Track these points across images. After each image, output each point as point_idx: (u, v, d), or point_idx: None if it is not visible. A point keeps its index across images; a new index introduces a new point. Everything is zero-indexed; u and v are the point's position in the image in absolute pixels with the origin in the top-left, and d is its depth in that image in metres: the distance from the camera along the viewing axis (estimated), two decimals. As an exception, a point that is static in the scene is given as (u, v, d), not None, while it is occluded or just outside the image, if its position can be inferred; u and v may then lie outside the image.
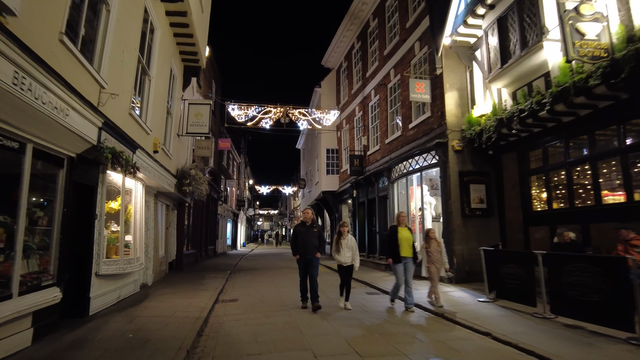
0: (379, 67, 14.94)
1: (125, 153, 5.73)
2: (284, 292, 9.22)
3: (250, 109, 15.48)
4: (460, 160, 10.08)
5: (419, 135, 11.43)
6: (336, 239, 7.29)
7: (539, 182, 8.87)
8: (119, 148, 5.58)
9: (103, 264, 6.50)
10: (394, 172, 12.99)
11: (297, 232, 7.32)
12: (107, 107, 5.49)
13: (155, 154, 8.37)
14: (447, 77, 10.48)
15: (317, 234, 7.26)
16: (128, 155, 6.01)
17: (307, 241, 7.08)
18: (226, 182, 25.46)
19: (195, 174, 10.95)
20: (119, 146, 5.77)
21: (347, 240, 7.14)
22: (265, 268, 15.86)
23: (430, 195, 11.33)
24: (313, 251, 7.09)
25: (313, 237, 7.13)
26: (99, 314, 6.20)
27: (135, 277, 8.30)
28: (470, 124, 9.88)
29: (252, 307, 7.46)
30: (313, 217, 7.51)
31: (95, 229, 6.25)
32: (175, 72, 10.21)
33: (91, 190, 6.14)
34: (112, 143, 5.54)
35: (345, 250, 7.06)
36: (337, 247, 7.13)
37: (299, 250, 7.15)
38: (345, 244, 7.10)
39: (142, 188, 8.51)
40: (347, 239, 7.15)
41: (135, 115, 6.90)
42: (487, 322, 5.81)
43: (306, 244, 7.08)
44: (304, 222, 7.32)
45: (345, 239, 7.14)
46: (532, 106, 7.50)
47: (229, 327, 5.85)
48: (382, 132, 14.49)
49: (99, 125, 5.16)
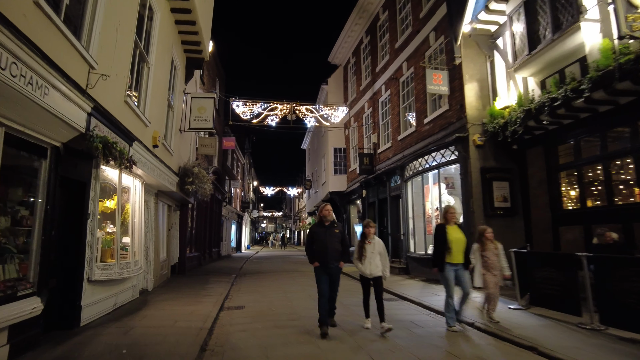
0: (389, 60, 14.29)
1: (119, 144, 5.11)
2: (294, 298, 8.57)
3: (255, 105, 14.87)
4: (481, 156, 9.40)
5: (436, 130, 10.76)
6: (359, 243, 5.78)
7: (569, 179, 8.18)
8: (112, 138, 4.96)
9: (96, 268, 5.88)
10: (408, 170, 12.32)
11: (313, 234, 5.75)
12: (97, 91, 4.88)
13: (154, 148, 7.74)
14: (466, 67, 9.82)
15: (339, 236, 5.65)
16: (123, 147, 5.40)
17: (326, 246, 5.52)
18: (230, 183, 24.86)
19: (199, 172, 10.33)
20: (112, 136, 5.15)
21: (374, 244, 5.66)
22: (271, 272, 15.22)
23: (447, 194, 10.65)
24: (335, 259, 5.54)
25: (334, 241, 5.59)
26: (92, 325, 5.56)
27: (134, 283, 7.67)
28: (493, 116, 9.19)
29: (261, 315, 6.81)
30: (333, 214, 5.90)
31: (88, 229, 5.63)
32: (176, 63, 9.61)
33: (83, 187, 5.52)
34: (103, 132, 4.92)
35: (372, 256, 5.60)
36: (361, 253, 5.65)
37: (317, 256, 5.60)
38: (371, 249, 5.62)
39: (141, 186, 7.89)
40: (374, 243, 5.67)
41: (131, 104, 6.28)
42: (528, 334, 5.12)
43: (325, 249, 5.52)
44: (321, 222, 5.77)
45: (372, 242, 5.66)
46: (566, 94, 6.81)
47: (236, 340, 5.20)
48: (393, 129, 13.83)
49: (87, 110, 4.54)
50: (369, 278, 5.65)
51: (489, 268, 5.91)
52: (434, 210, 11.04)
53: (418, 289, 9.34)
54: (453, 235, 5.59)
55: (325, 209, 5.80)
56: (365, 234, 5.76)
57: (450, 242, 5.54)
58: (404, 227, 12.57)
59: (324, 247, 5.55)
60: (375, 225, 6.07)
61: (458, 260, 5.56)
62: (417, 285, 9.95)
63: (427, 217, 11.31)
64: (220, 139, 19.37)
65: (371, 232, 5.74)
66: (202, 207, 16.42)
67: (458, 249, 5.55)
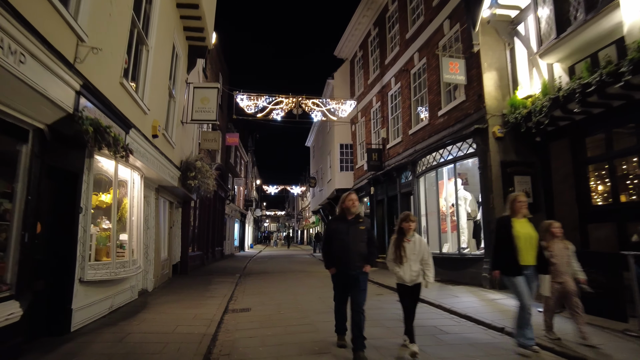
0: (400, 52, 13.73)
1: (113, 129, 4.59)
2: (303, 300, 8.02)
3: (260, 99, 14.32)
4: (502, 149, 8.85)
5: (451, 123, 10.20)
6: (395, 241, 4.58)
7: (600, 172, 7.60)
8: (105, 122, 4.44)
9: (90, 267, 5.35)
10: (420, 165, 11.76)
11: (332, 232, 4.59)
12: (88, 68, 4.35)
13: (154, 138, 7.21)
14: (484, 56, 9.25)
15: (365, 234, 4.48)
16: (118, 133, 4.87)
17: (348, 247, 4.36)
18: (234, 181, 24.36)
19: (202, 166, 9.80)
20: (105, 120, 4.62)
21: (414, 244, 4.50)
22: (276, 272, 14.69)
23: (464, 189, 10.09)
24: (359, 263, 4.36)
25: (359, 240, 4.41)
26: (84, 330, 5.04)
27: (132, 283, 7.16)
28: (514, 107, 8.63)
29: (269, 319, 6.27)
30: (359, 206, 4.72)
31: (80, 225, 5.11)
32: (178, 50, 9.07)
33: (74, 178, 5.00)
34: (95, 115, 4.39)
35: (412, 259, 4.44)
36: (398, 254, 4.47)
37: (336, 261, 4.48)
38: (410, 249, 4.46)
39: (140, 179, 7.37)
40: (414, 242, 4.51)
41: (128, 88, 5.75)
42: (569, 342, 4.57)
43: (347, 250, 4.35)
44: (342, 215, 4.58)
45: (411, 241, 4.50)
46: (601, 79, 6.24)
47: (244, 349, 4.66)
48: (404, 123, 13.27)
49: (76, 87, 4.01)
50: (409, 286, 4.44)
51: (559, 272, 4.72)
52: (448, 207, 10.48)
53: (435, 290, 8.76)
54: (521, 231, 4.48)
55: (349, 199, 4.54)
56: (404, 230, 4.56)
57: (518, 238, 4.43)
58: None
59: (345, 249, 4.36)
60: (416, 219, 4.88)
61: (528, 262, 4.43)
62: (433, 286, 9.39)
63: (441, 214, 10.75)
64: (223, 135, 18.85)
65: (411, 228, 4.55)
66: (205, 204, 15.91)
67: (528, 247, 4.46)
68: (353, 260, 4.35)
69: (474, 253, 9.46)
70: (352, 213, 4.54)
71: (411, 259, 4.44)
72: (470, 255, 9.48)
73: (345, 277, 4.41)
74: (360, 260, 4.38)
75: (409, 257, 4.44)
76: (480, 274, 8.67)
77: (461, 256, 9.58)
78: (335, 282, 4.65)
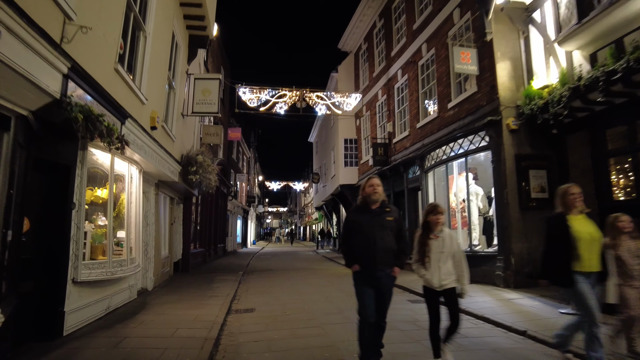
0: (407, 43, 13.32)
1: (106, 118, 4.24)
2: (309, 300, 7.69)
3: (263, 92, 13.99)
4: (516, 142, 8.46)
5: (462, 115, 9.81)
6: (420, 238, 3.86)
7: (622, 166, 7.22)
8: (98, 110, 4.08)
9: (84, 267, 5.03)
10: (429, 159, 11.39)
11: (353, 225, 3.80)
12: (78, 50, 3.99)
13: (153, 130, 6.85)
14: (497, 45, 8.84)
15: (393, 226, 3.70)
16: (112, 123, 4.52)
17: (374, 241, 3.56)
18: (236, 177, 24.02)
19: (203, 161, 9.45)
20: (97, 108, 4.27)
21: (444, 240, 3.77)
22: (280, 269, 14.37)
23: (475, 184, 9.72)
24: (386, 262, 3.60)
25: (387, 234, 3.63)
26: (77, 334, 4.72)
27: (131, 282, 6.83)
28: (529, 98, 8.23)
29: (274, 321, 5.94)
30: (383, 192, 3.81)
31: (73, 222, 4.78)
32: (178, 39, 8.69)
33: (66, 172, 4.66)
34: (85, 101, 4.04)
35: (441, 258, 3.73)
36: (423, 253, 3.77)
37: (359, 258, 3.67)
38: (439, 246, 3.75)
39: (138, 174, 7.03)
40: (444, 238, 3.78)
41: (124, 74, 5.38)
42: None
43: (372, 247, 3.56)
44: (364, 205, 3.77)
45: (439, 237, 3.78)
46: (628, 65, 5.84)
47: (248, 355, 4.33)
48: (411, 116, 12.87)
49: (63, 70, 3.66)
50: (438, 291, 3.72)
51: (628, 276, 3.81)
52: (459, 203, 10.12)
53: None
54: (582, 230, 3.60)
55: (369, 184, 3.73)
56: (430, 224, 3.81)
57: (579, 240, 3.55)
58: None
59: (370, 244, 3.57)
60: (444, 210, 4.04)
61: (592, 267, 3.57)
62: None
63: (451, 210, 10.39)
64: (225, 130, 18.50)
65: (439, 222, 3.78)
66: (207, 200, 15.59)
67: (591, 250, 3.58)
68: (380, 259, 3.55)
69: (487, 250, 9.11)
70: (375, 201, 3.69)
71: (440, 258, 3.71)
72: (482, 252, 9.12)
73: (370, 277, 3.61)
74: (388, 258, 3.60)
75: (436, 256, 3.72)
76: (494, 272, 8.32)
77: (473, 253, 9.22)
78: (357, 282, 3.72)
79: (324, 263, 16.97)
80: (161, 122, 7.32)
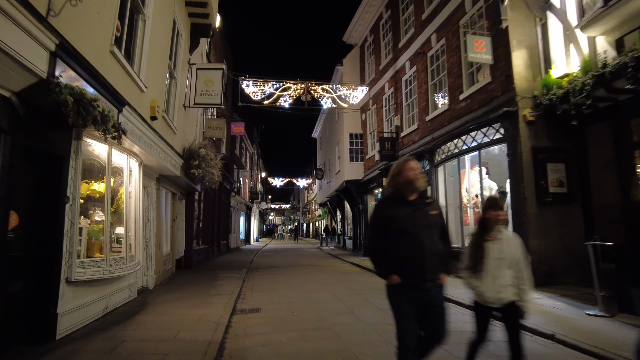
0: (415, 34, 12.91)
1: (100, 103, 3.89)
2: (317, 298, 7.35)
3: (267, 85, 13.63)
4: (533, 134, 8.06)
5: (475, 107, 9.42)
6: (474, 239, 3.19)
7: (648, 158, 6.83)
8: (90, 95, 3.73)
9: (79, 265, 4.70)
10: (439, 153, 11.00)
11: (389, 221, 2.86)
12: (68, 26, 3.63)
13: (153, 120, 6.50)
14: (513, 33, 8.43)
15: (438, 222, 2.91)
16: (108, 110, 4.17)
17: (421, 243, 2.76)
18: (239, 173, 23.69)
19: (206, 154, 9.10)
20: (90, 91, 3.92)
21: (503, 243, 3.04)
22: (285, 266, 14.05)
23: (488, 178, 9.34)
24: (436, 269, 2.81)
25: (433, 233, 2.85)
26: (72, 337, 4.40)
27: (131, 281, 6.51)
28: (547, 87, 7.84)
29: (282, 322, 5.60)
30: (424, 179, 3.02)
31: (67, 217, 4.45)
32: (179, 26, 8.31)
33: (59, 163, 4.33)
34: (77, 84, 3.69)
35: (499, 266, 3.00)
36: (478, 258, 3.07)
37: (399, 266, 2.78)
38: (497, 251, 3.03)
39: (138, 167, 6.69)
40: (504, 240, 3.05)
41: (121, 58, 5.02)
42: None
43: (420, 249, 2.75)
44: (399, 195, 2.91)
45: (500, 239, 3.05)
46: (661, 50, 5.46)
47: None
48: (420, 109, 12.48)
49: (50, 47, 3.31)
50: (492, 307, 3.01)
51: None
52: (471, 198, 9.75)
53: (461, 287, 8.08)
54: None
55: (410, 167, 2.87)
56: (488, 223, 3.08)
57: None
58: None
59: (415, 247, 2.73)
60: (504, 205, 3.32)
61: None
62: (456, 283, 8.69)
63: (463, 206, 10.02)
64: (227, 125, 18.15)
65: (500, 219, 3.05)
66: (210, 196, 15.27)
67: None
68: (429, 266, 2.74)
69: (501, 247, 8.72)
70: (416, 190, 2.87)
71: (497, 266, 2.97)
72: (496, 249, 8.75)
73: (414, 291, 2.75)
74: (438, 264, 2.79)
75: (496, 263, 2.98)
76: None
77: (486, 251, 8.85)
78: (398, 303, 2.80)
79: (329, 260, 16.65)
80: (162, 112, 6.97)
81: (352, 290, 8.10)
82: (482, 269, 3.02)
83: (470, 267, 3.11)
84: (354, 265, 13.69)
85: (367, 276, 10.57)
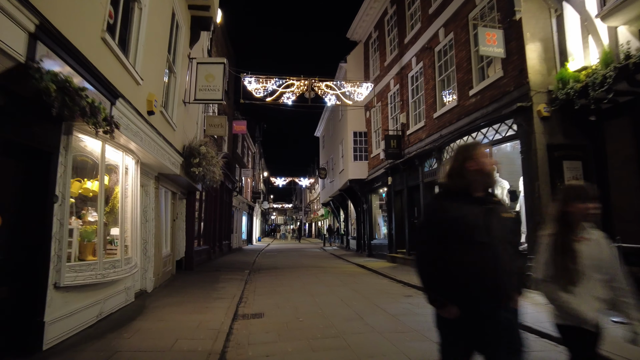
0: (422, 29, 12.55)
1: (89, 93, 3.56)
2: (323, 302, 7.01)
3: (269, 82, 13.28)
4: (548, 130, 7.71)
5: (485, 103, 9.07)
6: (557, 240, 2.34)
7: (673, 155, 6.48)
8: (78, 83, 3.41)
9: (69, 269, 4.38)
10: (447, 151, 10.66)
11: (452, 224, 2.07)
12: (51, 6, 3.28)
13: (150, 115, 6.17)
14: (526, 25, 8.08)
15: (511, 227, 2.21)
16: (99, 101, 3.85)
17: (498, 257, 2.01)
18: (241, 172, 23.38)
19: (207, 152, 8.77)
20: (78, 80, 3.60)
21: (591, 246, 2.30)
22: (288, 267, 13.72)
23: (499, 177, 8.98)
24: (512, 291, 2.08)
25: (509, 245, 2.09)
26: (61, 347, 4.08)
27: (128, 284, 6.19)
28: (563, 82, 7.48)
29: (286, 328, 5.27)
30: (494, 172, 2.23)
31: (55, 217, 4.12)
32: (179, 18, 7.97)
33: (47, 159, 4.00)
34: (62, 70, 3.37)
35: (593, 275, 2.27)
36: (568, 264, 2.26)
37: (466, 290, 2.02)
38: (592, 254, 2.28)
39: (135, 165, 6.37)
40: (593, 241, 2.32)
41: (113, 46, 4.69)
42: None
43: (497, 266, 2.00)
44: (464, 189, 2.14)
45: (589, 239, 2.31)
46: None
47: (259, 374, 3.67)
48: (427, 106, 12.13)
49: (29, 28, 2.97)
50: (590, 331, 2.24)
51: None
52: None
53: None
54: None
55: (484, 153, 2.21)
56: (572, 219, 2.33)
57: None
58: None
59: (493, 262, 2.01)
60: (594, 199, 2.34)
61: None
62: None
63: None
64: (229, 123, 17.82)
65: (590, 213, 2.32)
66: (212, 195, 14.95)
67: None
68: (507, 289, 2.06)
69: (514, 249, 8.37)
70: (490, 186, 2.22)
71: (592, 274, 2.26)
72: (509, 251, 8.39)
73: (483, 325, 2.02)
74: (514, 285, 2.11)
75: (592, 270, 2.27)
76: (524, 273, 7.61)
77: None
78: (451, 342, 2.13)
79: (333, 261, 16.31)
80: (159, 107, 6.63)
81: (359, 293, 7.76)
82: (576, 279, 2.24)
83: (557, 278, 2.28)
84: (359, 266, 13.35)
85: (374, 278, 10.23)
